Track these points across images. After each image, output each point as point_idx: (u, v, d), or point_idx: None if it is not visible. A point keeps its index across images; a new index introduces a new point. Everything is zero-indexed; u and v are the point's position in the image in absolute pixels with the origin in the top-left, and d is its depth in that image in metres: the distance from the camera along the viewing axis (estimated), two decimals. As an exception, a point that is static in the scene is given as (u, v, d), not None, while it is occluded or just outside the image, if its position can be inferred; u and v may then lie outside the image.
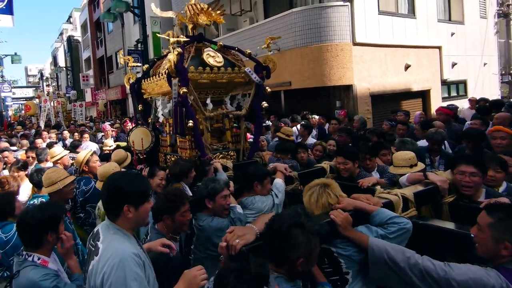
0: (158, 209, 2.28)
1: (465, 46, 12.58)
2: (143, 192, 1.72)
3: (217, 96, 4.12)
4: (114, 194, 1.68)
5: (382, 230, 1.88)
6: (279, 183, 3.02)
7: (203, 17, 4.01)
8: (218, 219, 2.53)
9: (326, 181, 2.11)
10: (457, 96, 12.59)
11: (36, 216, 1.97)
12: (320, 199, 2.01)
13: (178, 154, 3.99)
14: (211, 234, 2.47)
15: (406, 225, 1.90)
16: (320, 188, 2.04)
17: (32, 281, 1.85)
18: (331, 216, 1.88)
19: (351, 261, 1.82)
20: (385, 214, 1.95)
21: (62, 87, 36.20)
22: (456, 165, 2.50)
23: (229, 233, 1.73)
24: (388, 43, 10.16)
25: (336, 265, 1.83)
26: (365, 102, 9.83)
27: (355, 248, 1.82)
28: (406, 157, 3.14)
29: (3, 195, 2.85)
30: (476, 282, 1.46)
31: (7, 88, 27.00)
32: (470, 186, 2.39)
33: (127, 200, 1.65)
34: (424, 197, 2.43)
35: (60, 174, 3.02)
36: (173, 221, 2.25)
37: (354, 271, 1.81)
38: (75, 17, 36.23)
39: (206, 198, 2.56)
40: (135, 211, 1.67)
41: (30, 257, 1.94)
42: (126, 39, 20.85)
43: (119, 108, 24.77)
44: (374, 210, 1.99)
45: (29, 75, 67.17)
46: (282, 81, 10.07)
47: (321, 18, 9.39)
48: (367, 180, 2.83)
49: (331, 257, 1.84)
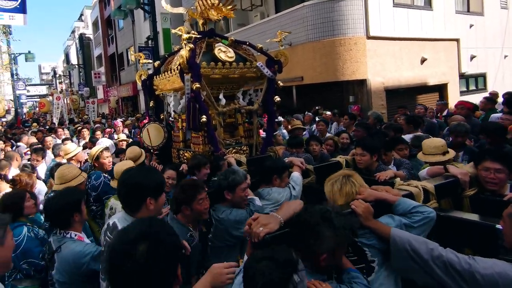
0: (176, 200, 2.37)
1: (484, 38, 12.21)
2: (160, 184, 1.91)
3: (229, 91, 4.12)
4: (135, 189, 1.83)
5: (406, 219, 1.86)
6: (296, 175, 3.02)
7: (214, 12, 3.98)
8: (237, 211, 2.54)
9: (348, 172, 2.11)
10: (476, 90, 12.23)
11: (61, 202, 2.22)
12: (344, 187, 1.98)
13: (191, 150, 4.02)
14: (230, 227, 2.49)
15: (430, 214, 1.88)
16: (344, 177, 2.02)
17: (77, 251, 2.11)
18: (351, 207, 1.87)
19: (375, 250, 1.80)
20: (408, 203, 1.92)
21: (74, 85, 36.70)
22: (481, 160, 2.41)
23: (253, 220, 1.73)
24: (403, 36, 9.93)
25: (361, 253, 1.81)
26: (380, 97, 9.62)
27: (378, 237, 1.80)
28: (439, 144, 3.04)
29: (11, 195, 2.84)
30: (502, 276, 1.43)
31: (21, 86, 27.48)
32: (495, 183, 2.33)
33: (149, 193, 1.82)
34: (444, 190, 2.38)
35: (74, 172, 3.17)
36: (191, 211, 2.32)
37: (380, 259, 1.79)
38: (87, 15, 36.61)
39: (225, 190, 2.57)
40: (155, 202, 1.84)
41: (68, 234, 2.20)
42: (136, 36, 20.94)
43: (130, 105, 24.99)
44: (395, 201, 1.96)
45: (43, 72, 68.42)
46: (294, 76, 9.94)
47: (334, 12, 9.20)
48: (384, 174, 2.79)
49: (355, 246, 1.82)
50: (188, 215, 2.34)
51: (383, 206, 1.96)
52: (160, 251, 1.09)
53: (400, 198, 1.98)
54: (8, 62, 21.76)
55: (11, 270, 2.44)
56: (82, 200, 2.32)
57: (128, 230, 1.18)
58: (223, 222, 2.50)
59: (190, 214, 2.33)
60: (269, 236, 1.64)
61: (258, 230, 1.65)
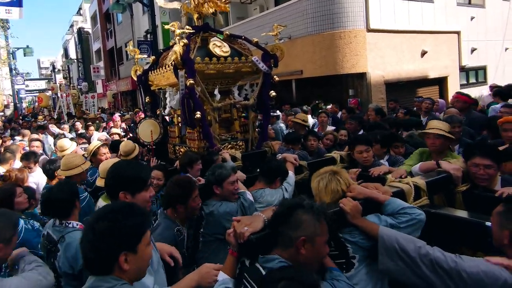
0: (170, 197, 2.34)
1: (485, 30, 12.08)
2: (139, 179, 1.71)
3: (224, 86, 4.08)
4: (112, 181, 1.72)
5: (392, 220, 1.85)
6: (290, 175, 3.02)
7: (208, 6, 3.91)
8: (227, 204, 2.55)
9: (335, 169, 2.09)
10: (476, 82, 12.14)
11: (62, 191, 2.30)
12: (329, 184, 1.97)
13: (187, 145, 3.99)
14: (221, 218, 2.50)
15: (418, 216, 1.85)
16: (330, 174, 2.01)
17: None
18: (340, 205, 1.85)
19: (357, 247, 1.79)
20: (397, 204, 1.91)
21: (73, 79, 36.57)
22: (470, 156, 2.40)
23: (236, 222, 1.70)
24: (404, 29, 9.82)
25: (343, 249, 1.81)
26: (379, 90, 9.55)
27: (363, 236, 1.79)
28: (445, 124, 3.06)
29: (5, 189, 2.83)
30: (488, 275, 1.43)
31: (20, 81, 27.37)
32: (485, 179, 2.32)
33: (123, 186, 1.67)
34: (436, 186, 2.37)
35: (77, 161, 3.36)
36: (186, 208, 2.31)
37: (361, 256, 1.79)
38: (85, 9, 36.29)
39: (214, 185, 2.58)
40: (131, 198, 1.66)
41: (69, 224, 2.22)
42: (135, 30, 20.78)
43: (129, 99, 24.92)
44: (385, 200, 1.94)
45: (42, 67, 68.17)
46: (293, 70, 9.86)
47: (334, 4, 9.09)
48: (378, 169, 2.78)
49: (338, 241, 1.82)
50: (182, 212, 2.33)
51: (372, 205, 1.94)
52: (114, 230, 1.25)
53: (391, 198, 1.96)
54: (6, 57, 21.65)
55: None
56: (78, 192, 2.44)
57: (98, 210, 1.46)
58: (213, 215, 2.52)
59: (184, 211, 2.33)
60: (254, 237, 1.60)
61: (242, 229, 1.60)
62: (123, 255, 1.26)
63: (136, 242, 1.30)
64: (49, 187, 2.68)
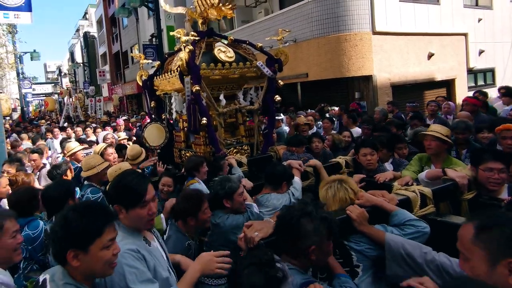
0: (180, 210, 2.35)
1: (493, 32, 11.95)
2: (134, 195, 1.59)
3: (229, 91, 4.07)
4: (110, 190, 1.71)
5: (398, 231, 1.87)
6: (296, 181, 3.02)
7: (213, 12, 3.92)
8: (234, 217, 2.55)
9: (342, 177, 2.12)
10: (484, 85, 11.98)
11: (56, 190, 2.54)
12: (337, 193, 2.00)
13: (193, 150, 4.00)
14: (227, 231, 2.50)
15: (424, 229, 1.87)
16: (338, 183, 2.04)
17: None
18: (347, 212, 1.88)
19: (362, 256, 1.81)
20: (405, 216, 1.92)
21: (79, 83, 36.89)
22: (483, 161, 2.40)
23: (247, 227, 1.75)
24: (410, 31, 9.74)
25: (347, 257, 1.82)
26: (386, 93, 9.47)
27: (368, 245, 1.81)
28: (445, 129, 3.07)
29: (28, 190, 2.89)
30: None
31: (27, 85, 27.65)
32: (499, 183, 2.33)
33: (117, 199, 1.63)
34: (442, 194, 2.38)
35: (97, 160, 3.50)
36: (196, 221, 2.32)
37: (365, 265, 1.80)
38: (91, 13, 36.67)
39: (224, 198, 2.58)
40: (126, 213, 1.61)
41: None
42: (141, 33, 20.90)
43: (135, 103, 25.05)
44: (393, 210, 1.96)
45: (48, 71, 68.87)
46: (298, 73, 9.83)
47: (339, 7, 9.04)
48: (383, 175, 2.78)
49: (343, 249, 1.84)
50: (191, 226, 2.34)
51: (379, 213, 1.95)
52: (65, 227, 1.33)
53: (398, 209, 1.97)
54: (14, 61, 21.89)
55: (27, 262, 2.53)
56: (73, 190, 2.62)
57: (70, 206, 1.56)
58: (219, 227, 2.53)
59: (194, 224, 2.34)
60: (264, 242, 1.65)
61: (253, 234, 1.66)
62: (72, 252, 1.30)
63: (87, 242, 1.32)
64: (47, 186, 2.81)
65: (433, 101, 7.03)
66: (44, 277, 1.36)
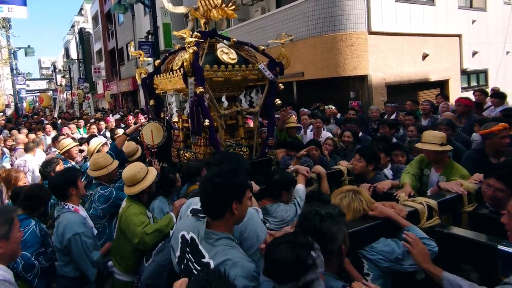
0: None
1: (486, 34, 12.10)
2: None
3: (230, 92, 4.07)
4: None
5: None
6: (302, 190, 2.90)
7: (216, 12, 3.92)
8: None
9: (356, 188, 2.16)
10: (477, 86, 12.13)
11: (61, 178, 2.76)
12: (352, 203, 2.05)
13: (192, 150, 3.99)
14: None
15: (433, 248, 1.92)
16: (352, 193, 2.09)
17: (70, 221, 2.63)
18: (406, 245, 1.86)
19: (374, 266, 1.83)
20: (416, 233, 1.95)
21: (74, 79, 36.54)
22: (487, 176, 2.43)
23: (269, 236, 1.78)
24: (405, 32, 9.83)
25: (358, 265, 1.84)
26: (381, 93, 9.57)
27: (382, 256, 1.83)
28: (439, 135, 3.11)
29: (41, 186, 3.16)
30: None
31: (21, 81, 27.32)
32: (492, 199, 2.36)
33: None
34: (446, 206, 2.44)
35: (107, 159, 3.47)
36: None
37: (375, 274, 1.81)
38: (86, 9, 36.27)
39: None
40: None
41: (66, 205, 2.72)
42: (136, 30, 20.78)
43: (130, 100, 24.90)
44: (406, 225, 2.01)
45: (43, 67, 68.07)
46: (294, 72, 9.87)
47: (336, 7, 9.10)
48: (382, 185, 2.83)
49: (354, 256, 1.86)
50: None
51: (390, 225, 2.01)
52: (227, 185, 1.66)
53: (412, 225, 2.02)
54: (7, 56, 21.62)
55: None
56: (78, 177, 2.82)
57: (212, 171, 1.91)
58: None
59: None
60: None
61: None
62: (235, 204, 1.63)
63: (243, 194, 1.68)
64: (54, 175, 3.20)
65: (427, 100, 7.10)
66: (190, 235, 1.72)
